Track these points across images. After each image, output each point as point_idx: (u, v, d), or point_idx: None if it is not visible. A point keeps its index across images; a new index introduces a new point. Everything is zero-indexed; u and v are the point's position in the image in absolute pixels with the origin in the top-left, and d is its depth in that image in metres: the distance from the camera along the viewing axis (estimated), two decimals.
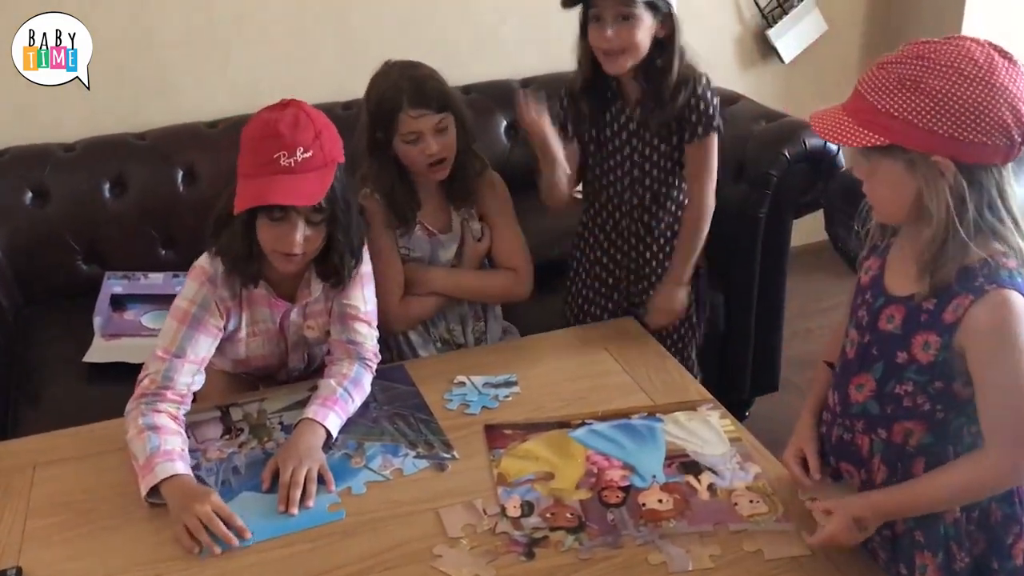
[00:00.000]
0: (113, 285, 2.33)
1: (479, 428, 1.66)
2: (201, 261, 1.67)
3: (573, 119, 1.99)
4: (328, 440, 1.62)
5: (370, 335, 1.77)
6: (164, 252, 2.46)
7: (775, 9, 3.15)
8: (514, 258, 2.07)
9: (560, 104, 1.99)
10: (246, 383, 1.89)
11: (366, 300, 1.76)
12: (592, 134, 1.99)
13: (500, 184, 2.06)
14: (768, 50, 3.20)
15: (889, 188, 1.22)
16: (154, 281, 2.35)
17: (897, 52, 1.18)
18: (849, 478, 1.38)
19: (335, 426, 1.63)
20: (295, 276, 1.71)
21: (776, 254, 2.42)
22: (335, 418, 1.64)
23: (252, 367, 1.84)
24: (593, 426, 1.66)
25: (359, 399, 1.72)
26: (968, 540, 1.30)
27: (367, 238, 1.87)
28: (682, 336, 2.14)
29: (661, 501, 1.48)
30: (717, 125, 1.92)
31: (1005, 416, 1.21)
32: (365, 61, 1.98)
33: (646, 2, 1.79)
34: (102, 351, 2.15)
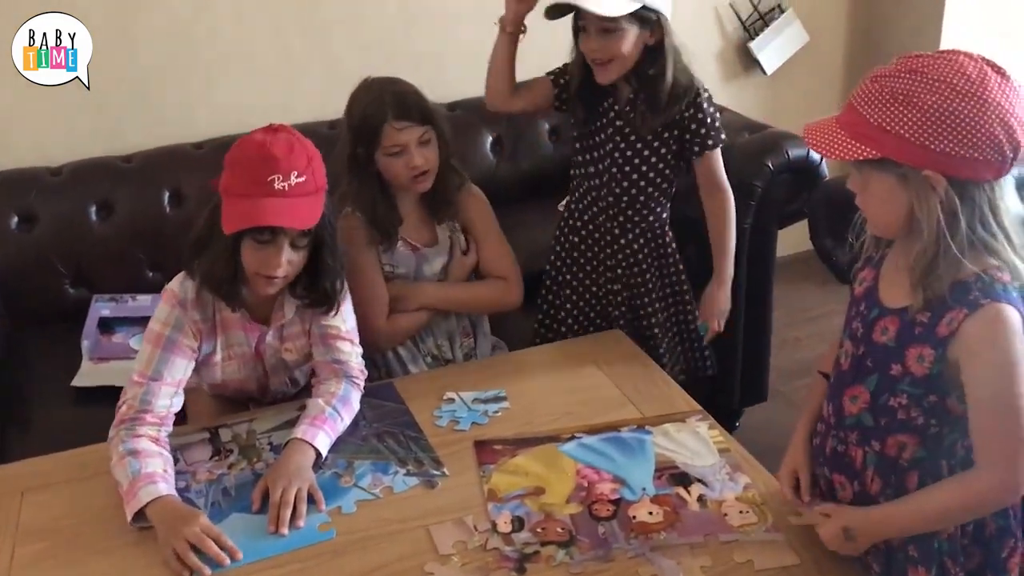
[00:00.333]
0: (101, 308, 2.32)
1: (469, 444, 1.67)
2: (172, 284, 1.67)
3: (567, 98, 2.02)
4: (318, 459, 1.62)
5: (354, 352, 1.77)
6: (152, 274, 2.46)
7: (756, 21, 3.18)
8: (502, 267, 2.08)
9: (558, 79, 2.02)
10: (235, 404, 1.89)
11: (345, 318, 1.76)
12: (581, 118, 2.02)
13: (481, 196, 2.08)
14: (750, 62, 3.23)
15: (881, 201, 1.23)
16: (142, 303, 2.35)
17: (891, 65, 1.19)
18: (842, 489, 1.39)
19: (324, 445, 1.63)
20: (270, 299, 1.71)
21: (762, 264, 2.43)
22: (324, 437, 1.64)
23: (230, 391, 1.84)
24: (583, 440, 1.66)
25: (348, 417, 1.71)
26: (963, 555, 1.30)
27: (349, 257, 1.88)
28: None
29: (651, 513, 1.48)
30: (723, 139, 1.96)
31: (997, 433, 1.20)
32: (349, 80, 1.99)
33: (630, 15, 1.80)
34: (90, 375, 2.14)
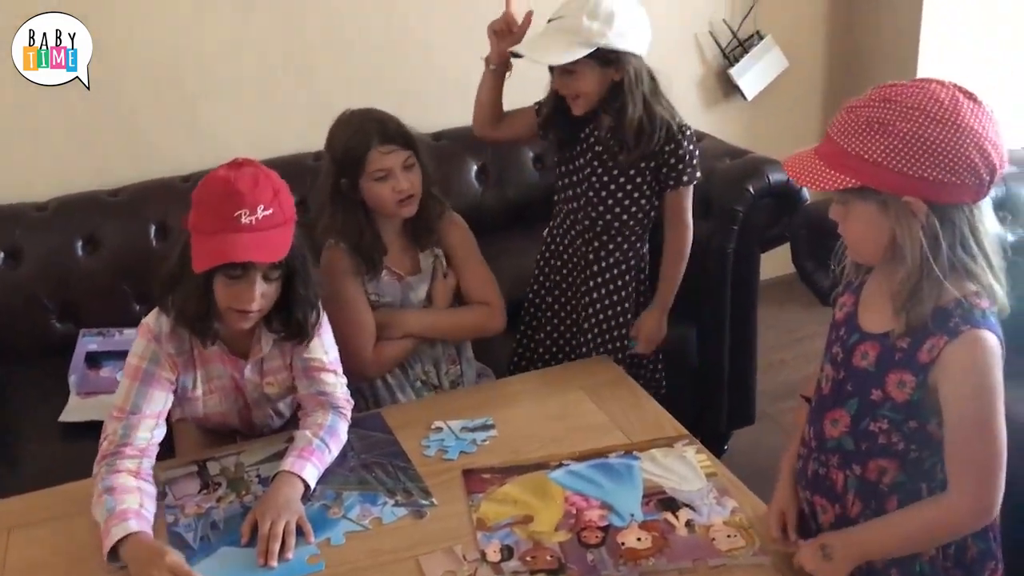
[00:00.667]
0: (88, 342, 2.32)
1: (457, 473, 1.67)
2: (147, 319, 1.67)
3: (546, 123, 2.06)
4: (306, 492, 1.62)
5: (338, 383, 1.78)
6: (139, 307, 2.45)
7: (736, 48, 3.22)
8: (485, 292, 2.09)
9: (541, 109, 2.06)
10: (222, 437, 1.89)
11: (327, 349, 1.76)
12: (557, 144, 2.06)
13: (461, 223, 2.10)
14: (731, 88, 3.26)
15: (863, 229, 1.24)
16: (129, 337, 2.33)
17: (865, 96, 1.22)
18: (823, 512, 1.40)
19: (313, 477, 1.63)
20: (247, 333, 1.71)
21: (746, 287, 2.45)
22: (312, 469, 1.64)
23: (213, 425, 1.84)
24: (571, 467, 1.67)
25: (336, 448, 1.71)
26: None
27: (334, 288, 1.89)
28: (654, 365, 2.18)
29: (640, 539, 1.49)
30: (697, 177, 1.98)
31: (971, 457, 1.22)
32: (334, 112, 2.02)
33: (588, 56, 1.83)
34: (78, 410, 2.14)
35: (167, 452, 1.80)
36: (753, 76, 3.23)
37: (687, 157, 1.94)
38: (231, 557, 1.50)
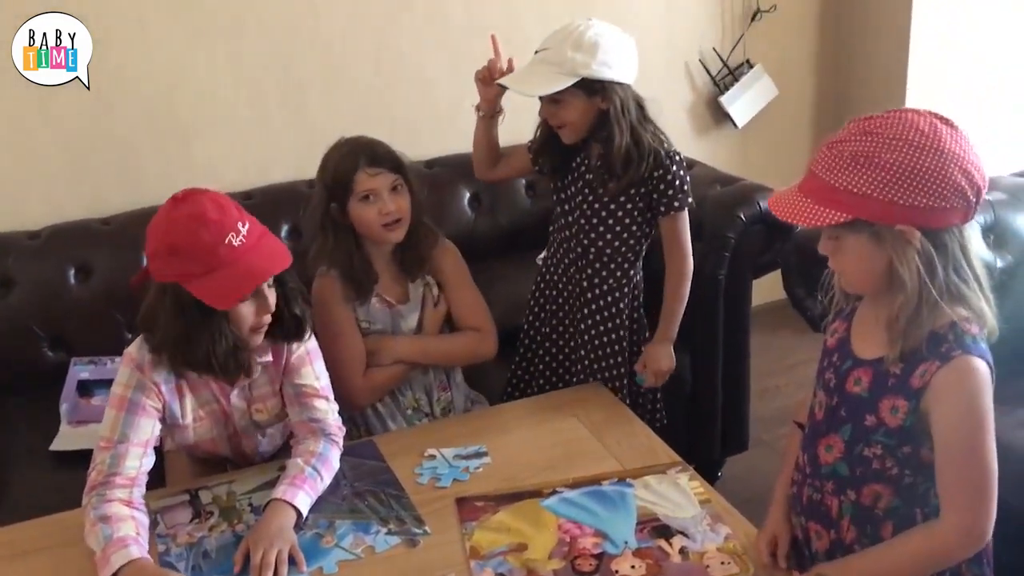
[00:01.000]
0: (80, 371, 2.31)
1: (450, 501, 1.66)
2: (130, 348, 1.66)
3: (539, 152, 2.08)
4: (299, 520, 1.61)
5: (330, 410, 1.77)
6: (130, 336, 2.43)
7: (726, 76, 3.25)
8: (476, 318, 2.09)
9: (530, 145, 2.08)
10: (214, 466, 1.88)
11: (318, 376, 1.76)
12: (549, 171, 2.07)
13: (452, 248, 2.12)
14: (721, 116, 3.29)
15: (857, 261, 1.25)
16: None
17: (843, 131, 1.23)
18: (817, 538, 1.40)
19: (305, 505, 1.63)
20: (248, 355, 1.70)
21: (738, 313, 2.46)
22: (304, 497, 1.63)
23: (204, 453, 1.83)
24: (564, 494, 1.66)
25: (328, 476, 1.71)
26: None
27: (325, 316, 1.90)
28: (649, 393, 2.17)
29: (634, 567, 1.48)
30: (690, 202, 1.99)
31: (962, 482, 1.23)
32: (325, 141, 2.03)
33: (573, 86, 1.85)
34: (69, 439, 2.13)
35: (158, 482, 1.79)
36: (743, 104, 3.26)
37: (677, 183, 1.96)
38: None
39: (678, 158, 1.97)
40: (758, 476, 2.46)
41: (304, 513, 1.62)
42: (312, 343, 1.77)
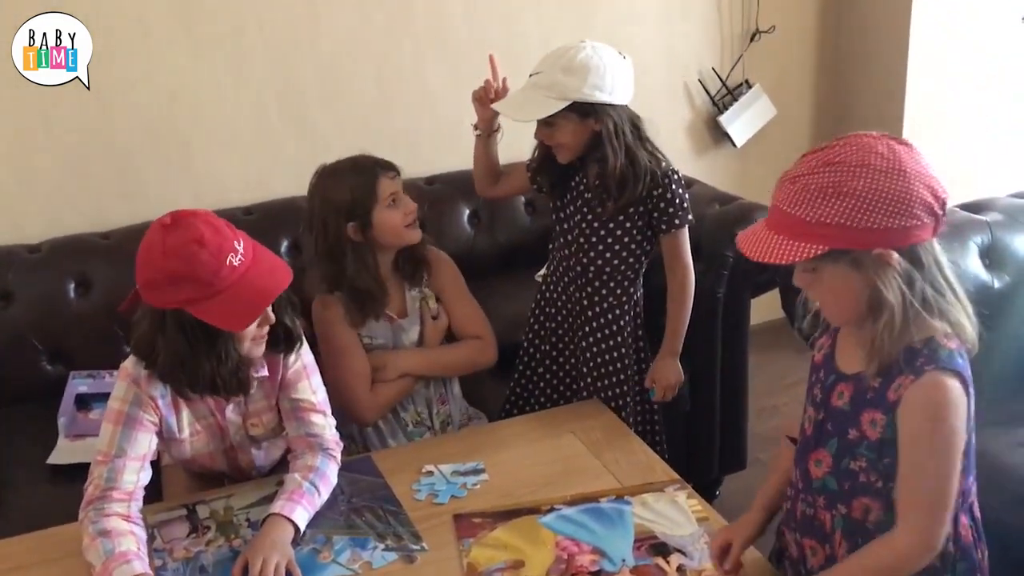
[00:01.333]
0: (78, 385, 2.31)
1: (448, 518, 1.66)
2: (126, 363, 1.66)
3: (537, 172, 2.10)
4: (296, 535, 1.61)
5: (327, 424, 1.77)
6: (129, 350, 2.44)
7: (725, 96, 3.27)
8: (476, 327, 2.12)
9: (529, 164, 2.10)
10: (211, 481, 1.88)
11: (315, 390, 1.76)
12: (548, 189, 2.09)
13: (448, 260, 2.14)
14: (720, 135, 3.31)
15: (839, 290, 1.26)
16: None
17: (801, 165, 1.24)
18: (812, 555, 1.40)
19: (303, 520, 1.62)
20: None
21: (736, 332, 2.46)
22: (302, 512, 1.63)
23: (201, 467, 1.83)
24: (562, 511, 1.66)
25: (326, 491, 1.71)
26: None
27: (329, 336, 1.92)
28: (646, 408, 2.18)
29: None
30: (690, 220, 2.00)
31: (919, 495, 1.25)
32: (327, 156, 2.05)
33: (566, 109, 1.86)
34: (67, 452, 2.12)
35: (155, 497, 1.79)
36: (742, 123, 3.28)
37: (676, 200, 1.96)
38: None
39: (676, 176, 1.97)
40: (755, 495, 2.45)
41: (302, 528, 1.62)
42: (308, 357, 1.77)
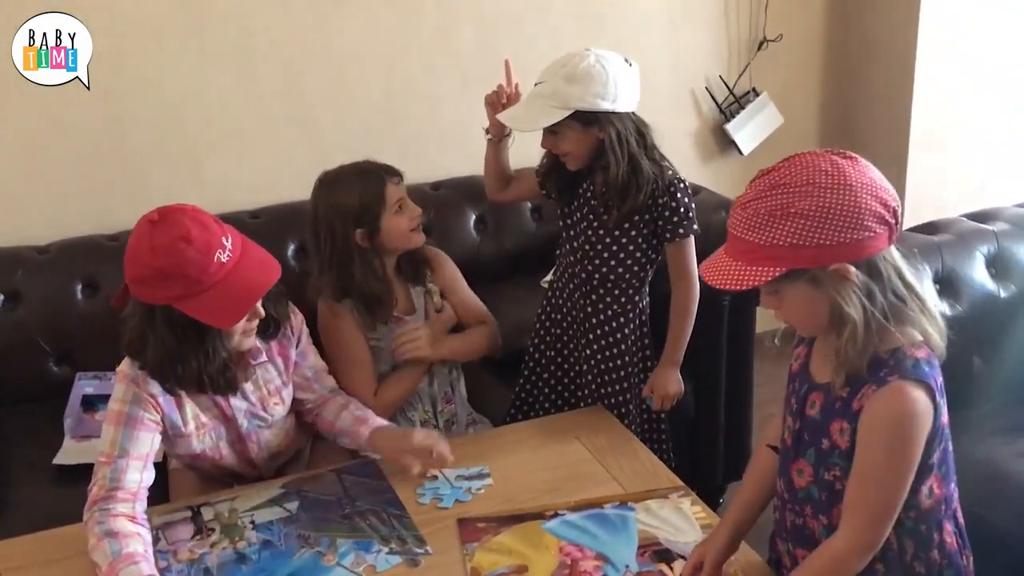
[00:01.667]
0: (84, 386, 2.32)
1: (452, 522, 1.67)
2: (123, 366, 1.68)
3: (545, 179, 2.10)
4: None
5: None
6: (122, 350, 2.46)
7: (732, 104, 3.27)
8: (480, 313, 2.18)
9: (538, 169, 2.10)
10: (219, 483, 1.89)
11: (317, 356, 1.91)
12: (556, 195, 2.09)
13: (444, 256, 2.18)
14: (727, 143, 3.31)
15: (802, 308, 1.28)
16: None
17: (750, 190, 1.26)
18: None
19: None
20: (239, 358, 1.73)
21: (742, 340, 2.46)
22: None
23: (210, 464, 1.84)
24: (566, 517, 1.67)
25: None
26: None
27: (336, 340, 1.97)
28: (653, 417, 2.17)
29: None
30: (695, 229, 1.99)
31: (864, 503, 1.26)
32: (335, 159, 2.06)
33: (569, 117, 1.87)
34: (72, 453, 2.13)
35: (162, 501, 1.80)
36: (749, 132, 3.28)
37: (682, 210, 1.96)
38: None
39: (682, 185, 1.97)
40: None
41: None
42: (306, 330, 1.87)
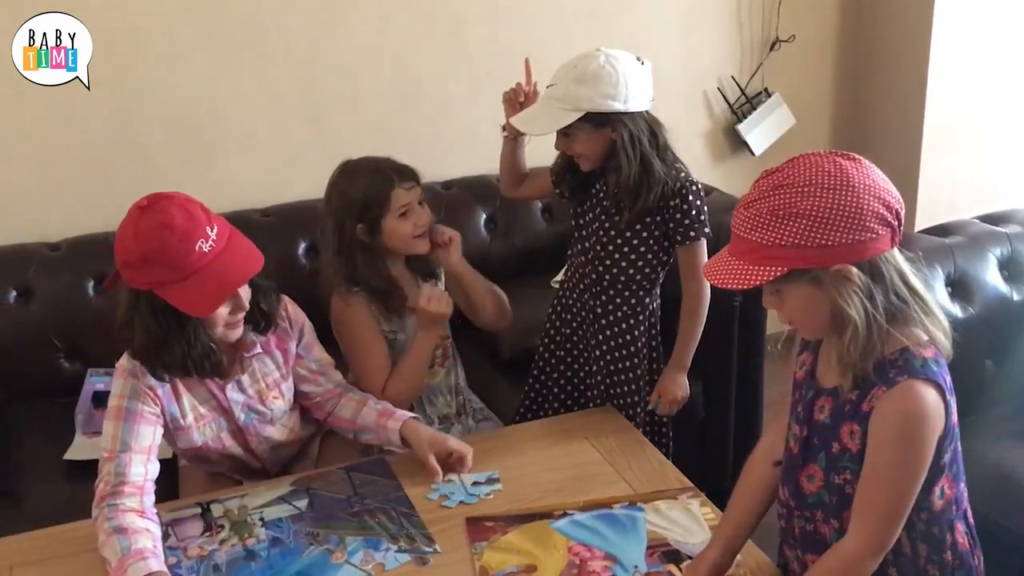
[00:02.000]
0: (95, 382, 2.32)
1: (461, 521, 1.66)
2: (122, 360, 1.69)
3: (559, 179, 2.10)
4: None
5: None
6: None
7: (744, 104, 3.26)
8: (493, 286, 2.16)
9: (552, 169, 2.10)
10: (228, 481, 1.89)
11: (322, 350, 1.91)
12: (568, 195, 2.09)
13: (454, 234, 2.14)
14: (739, 144, 3.30)
15: (804, 308, 1.27)
16: None
17: (754, 190, 1.26)
18: None
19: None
20: (228, 352, 1.74)
21: (752, 341, 2.46)
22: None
23: (217, 456, 1.84)
24: (574, 517, 1.66)
25: None
26: None
27: (349, 333, 1.95)
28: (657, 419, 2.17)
29: None
30: (707, 232, 1.98)
31: (875, 505, 1.26)
32: (347, 158, 2.05)
33: (580, 119, 1.86)
34: (83, 449, 2.14)
35: (172, 497, 1.81)
36: (761, 132, 3.27)
37: (693, 212, 1.95)
38: None
39: (695, 188, 1.95)
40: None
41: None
42: (309, 324, 1.87)
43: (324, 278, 2.05)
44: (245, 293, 1.66)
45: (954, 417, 1.28)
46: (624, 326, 2.05)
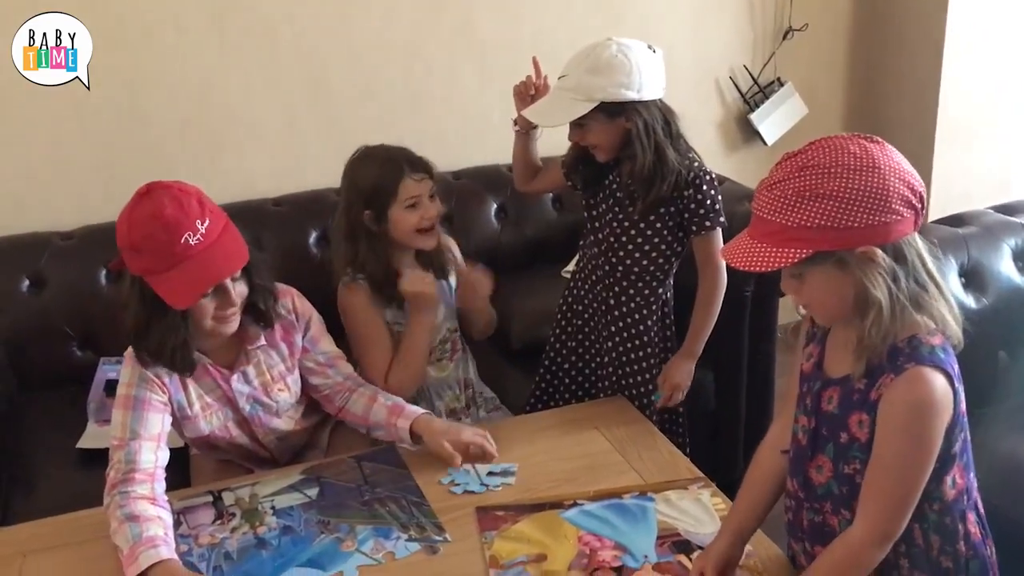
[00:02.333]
0: (108, 371, 2.33)
1: (471, 510, 1.67)
2: (129, 350, 1.70)
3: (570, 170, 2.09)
4: None
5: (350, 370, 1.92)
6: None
7: (757, 94, 3.25)
8: (493, 313, 2.17)
9: (563, 160, 2.09)
10: (238, 468, 1.90)
11: (331, 343, 1.91)
12: (581, 186, 2.08)
13: (448, 239, 2.18)
14: (751, 133, 3.29)
15: (826, 291, 1.26)
16: None
17: (777, 171, 1.24)
18: None
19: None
20: (230, 345, 1.74)
21: (764, 332, 2.45)
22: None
23: (225, 445, 1.85)
24: (585, 506, 1.66)
25: None
26: None
27: (354, 322, 1.95)
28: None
29: None
30: (722, 222, 1.97)
31: (882, 492, 1.25)
32: (356, 148, 2.05)
33: (594, 109, 1.85)
34: (95, 437, 2.15)
35: (183, 485, 1.81)
36: (773, 122, 3.26)
37: (708, 202, 1.94)
38: None
39: (708, 177, 1.94)
40: None
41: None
42: (317, 316, 1.87)
43: (335, 265, 2.05)
44: (239, 289, 1.66)
45: (963, 406, 1.27)
46: (637, 316, 2.05)
